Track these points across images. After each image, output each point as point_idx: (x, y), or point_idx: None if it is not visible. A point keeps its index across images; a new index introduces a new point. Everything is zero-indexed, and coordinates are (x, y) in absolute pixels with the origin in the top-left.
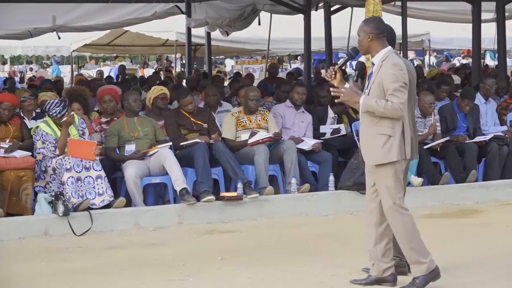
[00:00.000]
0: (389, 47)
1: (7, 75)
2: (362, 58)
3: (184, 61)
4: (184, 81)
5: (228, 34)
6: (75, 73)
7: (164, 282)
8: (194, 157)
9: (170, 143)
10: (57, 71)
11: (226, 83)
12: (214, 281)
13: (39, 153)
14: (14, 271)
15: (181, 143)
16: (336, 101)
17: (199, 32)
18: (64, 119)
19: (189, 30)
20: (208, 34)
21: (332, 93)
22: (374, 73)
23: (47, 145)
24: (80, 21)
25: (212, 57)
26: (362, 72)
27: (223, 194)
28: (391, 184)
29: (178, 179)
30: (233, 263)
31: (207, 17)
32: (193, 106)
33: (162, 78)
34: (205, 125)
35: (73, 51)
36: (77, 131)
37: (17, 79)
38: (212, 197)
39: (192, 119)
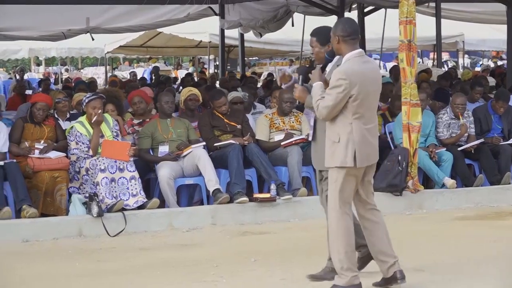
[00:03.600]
0: (357, 51)
1: (42, 77)
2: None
3: (217, 63)
4: (218, 82)
5: (261, 36)
6: (109, 74)
7: (197, 284)
8: (227, 158)
9: (204, 143)
10: None
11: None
12: (247, 283)
13: (73, 154)
14: (48, 271)
15: (215, 144)
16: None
17: (232, 34)
18: (94, 118)
19: (222, 31)
20: (242, 35)
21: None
22: (330, 73)
23: (80, 145)
24: (114, 22)
25: (246, 59)
26: (305, 76)
27: (257, 195)
28: (335, 188)
29: (212, 179)
30: (266, 264)
31: (240, 19)
32: (226, 108)
33: (196, 80)
34: (238, 126)
35: (107, 52)
36: (111, 132)
37: (52, 80)
38: (245, 198)
39: (225, 120)
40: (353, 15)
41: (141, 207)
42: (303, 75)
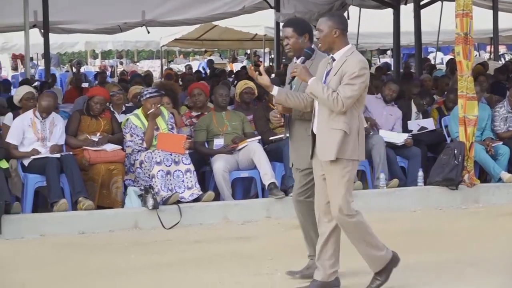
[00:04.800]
0: (351, 44)
1: (98, 70)
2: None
3: (272, 56)
4: (273, 75)
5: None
6: (164, 67)
7: (253, 276)
8: (282, 151)
9: (259, 137)
10: None
11: None
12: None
13: (128, 146)
14: (104, 263)
15: (270, 138)
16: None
17: None
18: (151, 111)
19: (277, 24)
20: None
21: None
22: (335, 68)
23: (135, 138)
24: (170, 15)
25: None
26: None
27: None
28: (345, 182)
29: (267, 173)
30: None
31: (295, 12)
32: None
33: None
34: None
35: (163, 45)
36: (166, 125)
37: (108, 73)
38: None
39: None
40: (409, 8)
41: (196, 200)
42: (278, 85)
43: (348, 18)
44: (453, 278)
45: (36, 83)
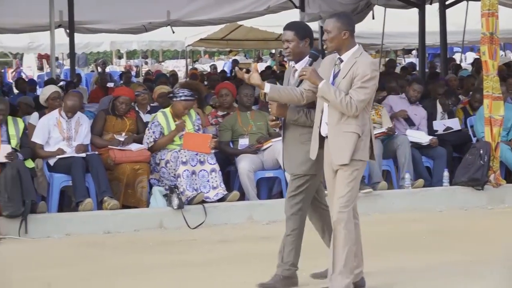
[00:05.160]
0: (358, 44)
1: (123, 69)
2: None
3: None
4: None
5: None
6: (189, 67)
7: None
8: None
9: None
10: None
11: None
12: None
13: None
14: (129, 262)
15: None
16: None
17: (312, 26)
18: (178, 122)
19: None
20: (322, 28)
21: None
22: (344, 70)
23: (148, 132)
24: (195, 15)
25: (325, 52)
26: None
27: None
28: (353, 186)
29: None
30: None
31: (320, 11)
32: None
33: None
34: None
35: (188, 45)
36: (192, 126)
37: (133, 73)
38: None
39: None
40: (434, 7)
41: (221, 199)
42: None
43: (373, 18)
44: (478, 278)
45: (61, 83)
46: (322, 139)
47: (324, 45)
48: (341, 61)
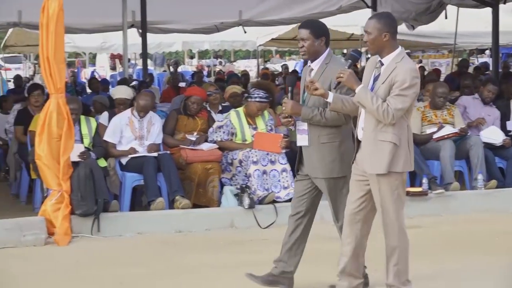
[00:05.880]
0: (400, 47)
1: (195, 69)
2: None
3: (369, 56)
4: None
5: (414, 28)
6: (261, 67)
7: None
8: None
9: None
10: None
11: None
12: None
13: (210, 132)
14: (201, 261)
15: None
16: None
17: None
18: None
19: None
20: None
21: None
22: (384, 74)
23: (219, 130)
24: (266, 15)
25: None
26: (295, 88)
27: (408, 189)
28: (398, 197)
29: None
30: (417, 258)
31: (393, 11)
32: None
33: None
34: None
35: (260, 45)
36: (265, 126)
37: (205, 73)
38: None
39: None
40: (508, 6)
41: (292, 199)
42: (292, 87)
43: (446, 18)
44: None
45: (134, 83)
46: (357, 142)
47: (365, 47)
48: (382, 64)
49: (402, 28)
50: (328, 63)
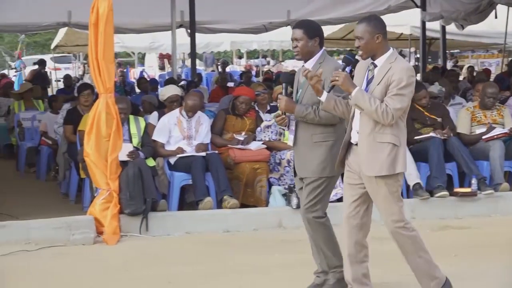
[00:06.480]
0: (392, 48)
1: (243, 69)
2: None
3: (418, 55)
4: (419, 75)
5: (463, 28)
6: None
7: (397, 277)
8: (428, 151)
9: None
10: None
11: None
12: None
13: (257, 131)
14: (249, 261)
15: (415, 138)
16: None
17: (433, 26)
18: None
19: (423, 24)
20: (443, 27)
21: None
22: (378, 76)
23: (267, 129)
24: (314, 15)
25: (447, 51)
26: (289, 84)
27: (457, 189)
28: (398, 198)
29: (412, 173)
30: (466, 260)
31: (442, 11)
32: (427, 101)
33: None
34: (439, 119)
35: None
36: None
37: (253, 73)
38: (446, 192)
39: (426, 113)
40: None
41: (340, 199)
42: (287, 83)
43: (496, 17)
44: None
45: (182, 82)
46: (348, 145)
47: (359, 52)
48: (375, 66)
49: (451, 27)
50: (321, 63)
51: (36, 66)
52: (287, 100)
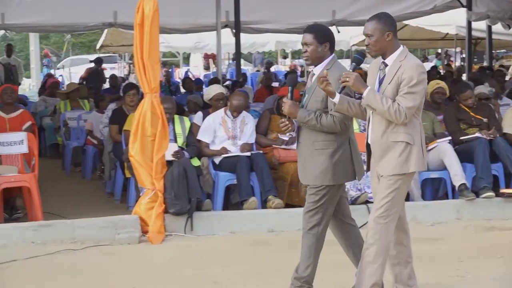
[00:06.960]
0: (402, 46)
1: (288, 69)
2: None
3: (463, 55)
4: (464, 75)
5: (510, 28)
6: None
7: (442, 278)
8: (474, 152)
9: (450, 138)
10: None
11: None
12: (492, 279)
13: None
14: (294, 261)
15: (461, 138)
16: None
17: (479, 26)
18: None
19: (469, 23)
20: (489, 27)
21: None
22: (389, 75)
23: None
24: (360, 15)
25: (493, 51)
26: (294, 87)
27: (503, 190)
28: (397, 197)
29: (457, 174)
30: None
31: (488, 10)
32: (472, 101)
33: (442, 73)
34: (485, 120)
35: (353, 45)
36: (358, 125)
37: (298, 73)
38: (491, 193)
39: (471, 113)
40: None
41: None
42: (293, 87)
43: None
44: None
45: (227, 82)
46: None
47: (367, 50)
48: (386, 65)
49: (498, 27)
50: (329, 69)
51: (92, 64)
52: (291, 104)
